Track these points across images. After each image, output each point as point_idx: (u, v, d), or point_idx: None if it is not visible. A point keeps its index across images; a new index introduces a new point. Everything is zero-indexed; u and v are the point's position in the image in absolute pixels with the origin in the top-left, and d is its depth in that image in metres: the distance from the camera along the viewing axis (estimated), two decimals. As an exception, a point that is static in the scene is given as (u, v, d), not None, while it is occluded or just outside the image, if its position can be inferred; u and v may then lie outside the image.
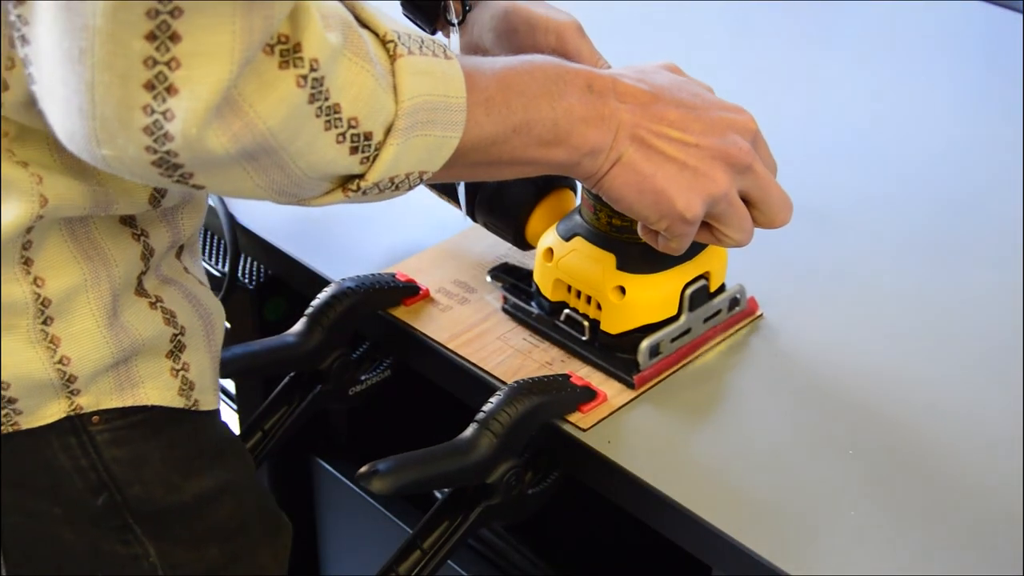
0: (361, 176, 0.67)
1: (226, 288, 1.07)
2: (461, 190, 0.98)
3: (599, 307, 0.89)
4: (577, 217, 0.90)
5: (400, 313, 0.95)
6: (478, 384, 0.90)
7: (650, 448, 0.84)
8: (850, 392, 0.88)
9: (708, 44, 1.39)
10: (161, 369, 0.76)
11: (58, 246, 0.71)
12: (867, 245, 1.04)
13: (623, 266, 0.88)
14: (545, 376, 0.85)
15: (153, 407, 0.76)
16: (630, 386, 0.88)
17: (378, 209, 1.06)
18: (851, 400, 0.88)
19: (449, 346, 0.92)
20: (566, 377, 0.86)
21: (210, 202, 1.08)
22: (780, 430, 0.86)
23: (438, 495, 0.87)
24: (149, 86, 0.57)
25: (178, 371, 0.77)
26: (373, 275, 0.95)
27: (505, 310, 0.95)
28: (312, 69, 0.61)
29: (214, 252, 1.13)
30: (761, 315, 0.95)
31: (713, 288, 0.91)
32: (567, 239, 0.90)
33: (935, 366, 0.91)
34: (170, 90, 0.57)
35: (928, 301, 0.98)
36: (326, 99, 0.62)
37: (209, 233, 1.15)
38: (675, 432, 0.86)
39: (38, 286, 0.70)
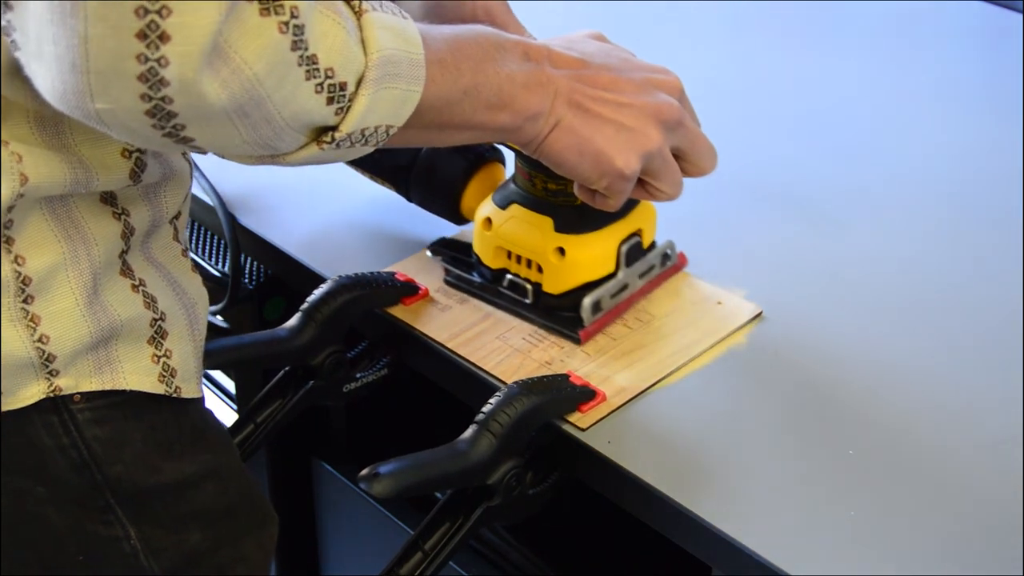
0: (335, 128, 0.69)
1: (231, 289, 1.07)
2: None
3: (540, 270, 0.92)
4: (512, 186, 0.94)
5: (399, 312, 0.95)
6: (477, 384, 0.90)
7: (650, 448, 0.84)
8: (850, 392, 0.88)
9: (708, 43, 1.39)
10: (142, 354, 0.77)
11: (38, 224, 0.71)
12: (867, 244, 1.04)
13: (561, 228, 0.91)
14: (544, 376, 0.85)
15: (132, 391, 0.76)
16: (576, 342, 0.91)
17: (378, 209, 1.06)
18: (851, 400, 0.88)
19: (448, 346, 0.92)
20: (565, 377, 0.86)
21: (209, 201, 1.08)
22: (780, 430, 0.85)
23: (439, 496, 0.87)
24: (142, 35, 0.58)
25: (160, 357, 0.77)
26: (371, 273, 0.95)
27: (447, 282, 0.98)
28: (293, 16, 0.63)
29: (214, 252, 1.13)
30: (761, 313, 0.95)
31: (646, 244, 0.96)
32: (504, 207, 0.93)
33: (936, 365, 0.91)
34: (163, 38, 0.59)
35: (928, 299, 0.98)
36: (306, 48, 0.64)
37: (209, 233, 1.15)
38: (675, 432, 0.85)
39: (19, 264, 0.71)
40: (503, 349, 0.92)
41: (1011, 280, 0.99)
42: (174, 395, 0.78)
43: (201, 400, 0.82)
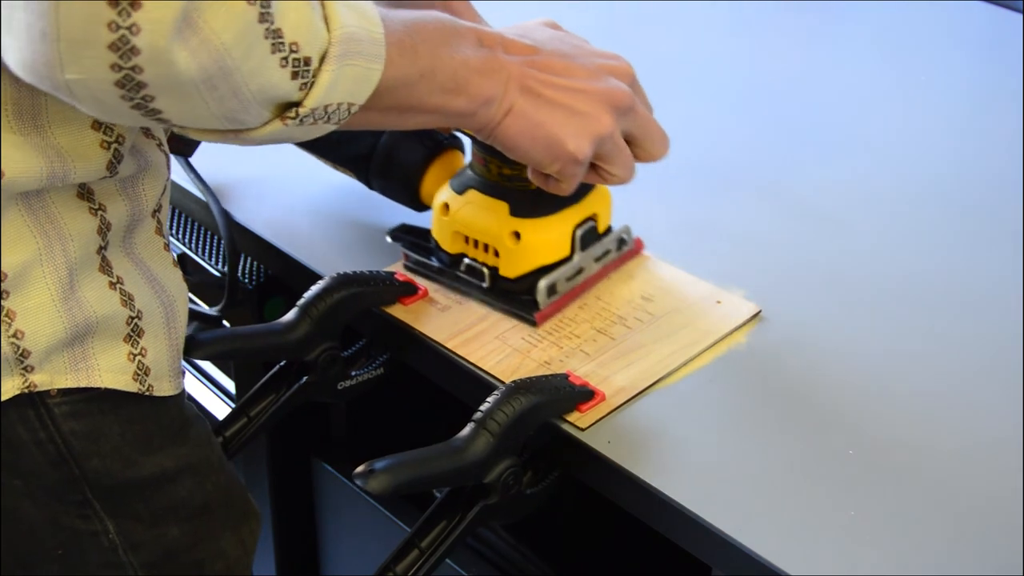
0: (299, 104, 0.69)
1: (228, 290, 1.06)
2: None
3: (496, 254, 0.94)
4: (469, 172, 0.95)
5: (398, 312, 0.95)
6: (477, 383, 0.89)
7: (650, 447, 0.84)
8: (850, 391, 0.88)
9: (708, 44, 1.39)
10: (118, 352, 0.77)
11: (15, 220, 0.71)
12: (866, 243, 1.04)
13: (516, 212, 0.93)
14: (543, 375, 0.85)
15: (107, 389, 0.76)
16: (532, 324, 0.93)
17: (379, 210, 1.06)
18: (851, 399, 0.88)
19: (448, 345, 0.92)
20: (564, 376, 0.86)
21: (204, 198, 1.08)
22: (780, 430, 0.85)
23: (437, 494, 0.87)
24: (113, 2, 0.59)
25: (135, 355, 0.78)
26: (369, 272, 0.95)
27: (407, 267, 0.99)
28: None
29: (214, 252, 1.13)
30: (760, 313, 0.95)
31: (601, 229, 0.97)
32: (461, 193, 0.95)
33: (936, 365, 0.91)
34: (134, 5, 0.59)
35: (928, 299, 0.97)
36: (272, 22, 0.64)
37: (209, 233, 1.15)
38: (675, 432, 0.85)
39: None
40: (502, 349, 0.92)
41: (1011, 280, 0.99)
42: (147, 393, 0.78)
43: (181, 395, 0.82)
